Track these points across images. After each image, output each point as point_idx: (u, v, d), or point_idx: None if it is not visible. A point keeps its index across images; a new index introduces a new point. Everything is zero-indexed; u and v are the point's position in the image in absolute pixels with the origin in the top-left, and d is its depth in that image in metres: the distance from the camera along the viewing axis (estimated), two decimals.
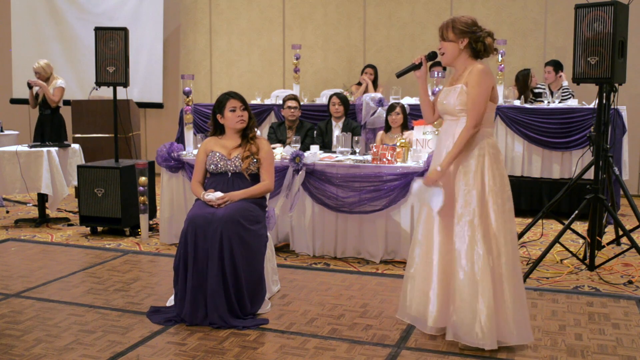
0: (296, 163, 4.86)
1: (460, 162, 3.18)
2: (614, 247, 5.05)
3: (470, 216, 3.12)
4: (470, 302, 3.08)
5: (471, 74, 3.16)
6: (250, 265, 3.61)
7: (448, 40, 3.22)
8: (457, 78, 3.28)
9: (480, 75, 3.13)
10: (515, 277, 3.16)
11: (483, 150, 3.16)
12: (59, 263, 4.83)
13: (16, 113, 10.06)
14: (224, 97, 3.89)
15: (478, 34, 3.20)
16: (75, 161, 6.31)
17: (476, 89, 3.12)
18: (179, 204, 5.27)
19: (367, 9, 8.77)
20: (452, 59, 3.26)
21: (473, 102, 3.12)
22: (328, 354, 3.15)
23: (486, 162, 3.15)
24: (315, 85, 8.72)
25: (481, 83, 3.12)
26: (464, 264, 3.11)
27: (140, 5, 9.38)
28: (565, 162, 6.41)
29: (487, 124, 3.20)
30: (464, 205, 3.13)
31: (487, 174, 3.14)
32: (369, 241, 4.86)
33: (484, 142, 3.17)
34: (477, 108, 3.12)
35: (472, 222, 3.11)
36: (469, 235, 3.11)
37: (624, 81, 4.60)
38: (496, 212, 3.12)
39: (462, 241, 3.13)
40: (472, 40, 3.20)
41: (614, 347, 3.23)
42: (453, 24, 3.21)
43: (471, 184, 3.13)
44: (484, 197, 3.13)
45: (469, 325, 3.09)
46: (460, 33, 3.19)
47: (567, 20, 6.20)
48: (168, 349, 3.23)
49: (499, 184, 3.16)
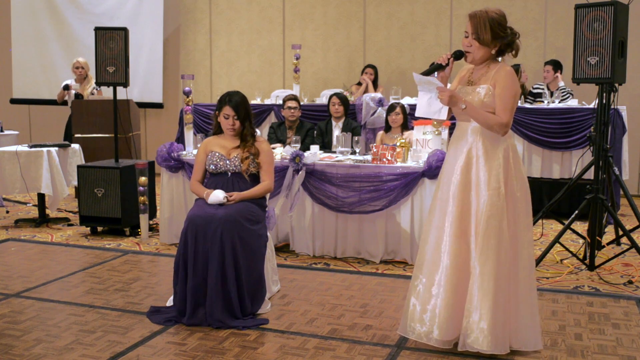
0: (296, 163, 4.86)
1: (483, 165, 3.05)
2: (614, 247, 5.05)
3: (490, 219, 3.00)
4: (481, 308, 2.98)
5: (499, 76, 3.04)
6: (250, 265, 3.61)
7: (482, 42, 3.04)
8: (479, 77, 3.12)
9: (510, 78, 3.03)
10: (530, 282, 3.10)
11: (507, 152, 3.06)
12: (59, 263, 4.83)
13: (16, 113, 10.07)
14: (222, 101, 3.88)
15: (510, 38, 3.07)
16: (75, 161, 6.31)
17: (507, 93, 3.01)
18: (179, 204, 5.27)
19: (367, 9, 8.78)
20: (481, 61, 3.11)
21: (504, 105, 3.01)
22: (328, 354, 3.15)
23: (509, 165, 3.05)
24: (315, 85, 8.73)
25: (511, 87, 3.02)
26: (481, 273, 2.99)
27: (140, 5, 9.37)
28: (565, 162, 6.41)
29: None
30: (485, 210, 3.01)
31: (509, 178, 3.05)
32: (369, 241, 4.86)
33: (507, 143, 3.08)
34: (507, 111, 3.01)
35: (495, 225, 3.00)
36: (489, 236, 3.00)
37: (624, 81, 4.60)
38: (515, 216, 3.05)
39: (481, 245, 3.00)
40: (504, 45, 3.08)
41: (614, 347, 3.22)
42: (491, 25, 3.00)
43: (494, 187, 3.02)
44: (505, 201, 3.02)
45: (488, 334, 2.98)
46: (498, 38, 3.04)
47: (567, 20, 6.20)
48: (168, 349, 3.23)
49: (520, 189, 3.08)
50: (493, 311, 2.97)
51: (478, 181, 3.05)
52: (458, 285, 3.06)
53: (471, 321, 3.01)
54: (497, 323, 2.99)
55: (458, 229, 3.07)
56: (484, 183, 3.03)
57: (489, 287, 2.98)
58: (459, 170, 3.09)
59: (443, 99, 3.06)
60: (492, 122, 3.01)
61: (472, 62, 3.14)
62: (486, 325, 2.97)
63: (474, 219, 3.05)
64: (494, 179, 3.02)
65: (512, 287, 3.05)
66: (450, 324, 3.08)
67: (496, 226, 3.00)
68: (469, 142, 3.10)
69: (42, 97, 9.71)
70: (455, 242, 3.07)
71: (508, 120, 3.01)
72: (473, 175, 3.06)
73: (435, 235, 3.15)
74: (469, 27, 3.06)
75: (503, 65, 3.09)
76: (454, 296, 3.07)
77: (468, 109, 3.04)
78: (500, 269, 3.00)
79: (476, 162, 3.07)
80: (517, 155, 3.12)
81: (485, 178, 3.03)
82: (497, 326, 2.99)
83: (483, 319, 2.98)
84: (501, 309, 2.99)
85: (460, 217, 3.07)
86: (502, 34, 3.04)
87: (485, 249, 3.00)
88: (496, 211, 3.00)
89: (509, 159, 3.06)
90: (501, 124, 3.00)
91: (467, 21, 3.07)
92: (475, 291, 3.01)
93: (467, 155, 3.09)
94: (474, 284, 3.01)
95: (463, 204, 3.07)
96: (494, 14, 3.02)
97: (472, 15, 3.05)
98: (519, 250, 3.06)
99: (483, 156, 3.05)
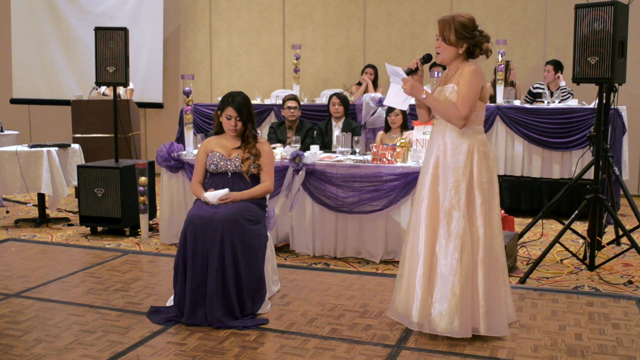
0: (296, 163, 4.86)
1: (450, 157, 3.26)
2: (614, 247, 5.05)
3: (456, 209, 3.21)
4: (447, 293, 3.18)
5: (462, 73, 3.25)
6: (250, 265, 3.61)
7: (448, 42, 3.28)
8: (449, 78, 3.34)
9: (470, 75, 3.22)
10: (493, 270, 3.25)
11: (473, 147, 3.25)
12: (59, 263, 4.83)
13: (16, 113, 10.07)
14: (225, 101, 3.87)
15: (477, 39, 3.27)
16: (75, 161, 6.31)
17: (465, 88, 3.21)
18: (179, 204, 5.27)
19: (367, 9, 8.78)
20: (449, 60, 3.34)
21: (462, 99, 3.20)
22: (328, 354, 3.15)
23: (475, 158, 3.25)
24: (315, 85, 8.73)
25: (471, 82, 3.21)
26: (445, 255, 3.21)
27: (140, 5, 9.37)
28: (565, 162, 6.41)
29: (477, 122, 3.30)
30: (451, 199, 3.22)
31: (475, 170, 3.24)
32: (369, 241, 4.86)
33: (474, 139, 3.27)
34: (466, 105, 3.19)
35: (459, 214, 3.20)
36: (453, 227, 3.21)
37: (624, 81, 4.60)
38: (482, 206, 3.22)
39: (445, 234, 3.22)
40: (471, 45, 3.28)
41: (614, 347, 3.23)
42: (455, 26, 3.24)
43: (460, 178, 3.23)
44: (471, 191, 3.23)
45: (446, 316, 3.19)
46: (462, 38, 3.26)
47: (567, 20, 6.19)
48: (168, 349, 3.23)
49: (487, 180, 3.26)
50: (455, 296, 3.17)
51: (445, 174, 3.26)
52: (431, 272, 3.29)
53: (436, 307, 3.23)
54: (455, 306, 3.18)
55: (429, 221, 3.29)
56: (449, 175, 3.25)
57: (453, 273, 3.19)
58: (430, 168, 3.32)
59: (406, 88, 3.36)
60: (449, 114, 3.24)
61: (441, 62, 3.40)
62: (444, 309, 3.19)
63: (441, 210, 3.25)
64: (460, 170, 3.23)
65: (474, 274, 3.21)
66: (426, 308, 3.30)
67: (462, 215, 3.20)
68: (439, 140, 3.32)
69: (42, 97, 9.71)
70: (427, 232, 3.29)
71: (466, 114, 3.20)
72: (440, 170, 3.28)
73: (412, 230, 3.40)
74: (438, 30, 3.32)
75: (468, 64, 3.28)
76: (428, 281, 3.28)
77: (428, 99, 3.31)
78: (464, 257, 3.19)
79: (443, 158, 3.28)
80: (486, 148, 3.31)
81: (450, 172, 3.25)
82: (455, 309, 3.18)
83: (442, 303, 3.20)
84: (461, 293, 3.17)
85: (430, 210, 3.29)
86: (466, 34, 3.25)
87: (446, 238, 3.22)
88: (461, 201, 3.21)
89: (473, 153, 3.24)
90: (458, 117, 3.21)
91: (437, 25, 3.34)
92: (441, 278, 3.22)
93: (436, 152, 3.32)
94: (439, 270, 3.23)
95: (433, 198, 3.29)
96: (461, 17, 3.27)
97: (439, 20, 3.32)
98: (481, 240, 3.22)
99: (449, 152, 3.27)
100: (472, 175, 3.23)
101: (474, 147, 3.25)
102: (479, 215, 3.22)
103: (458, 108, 3.21)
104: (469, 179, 3.23)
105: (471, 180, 3.23)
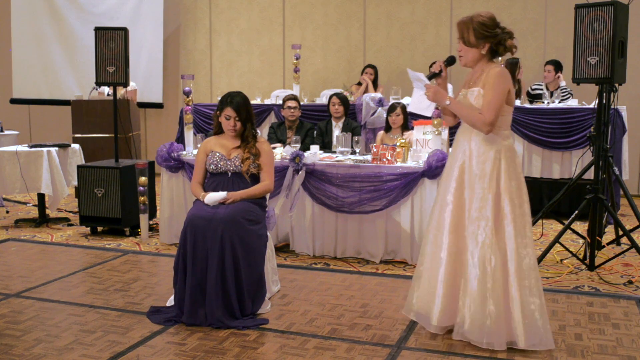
0: (296, 163, 4.86)
1: (477, 164, 3.16)
2: (614, 247, 5.05)
3: (484, 219, 3.11)
4: (481, 304, 3.09)
5: (487, 76, 3.13)
6: (250, 265, 3.61)
7: (469, 44, 3.17)
8: (474, 80, 3.23)
9: (496, 78, 3.09)
10: (527, 280, 3.12)
11: (499, 153, 3.15)
12: (59, 263, 4.83)
13: (16, 113, 10.07)
14: (224, 101, 3.87)
15: (499, 37, 3.15)
16: (75, 161, 6.31)
17: (491, 92, 3.09)
18: (179, 204, 5.27)
19: (367, 9, 8.77)
20: (473, 63, 3.22)
21: (488, 104, 3.08)
22: (328, 354, 3.15)
23: (502, 166, 3.14)
24: (315, 85, 8.72)
25: (497, 86, 3.09)
26: (476, 265, 3.11)
27: (140, 5, 9.37)
28: (565, 162, 6.41)
29: (503, 127, 3.18)
30: (479, 209, 3.13)
31: (503, 177, 3.13)
32: (369, 241, 4.85)
33: (501, 145, 3.16)
34: (491, 110, 3.07)
35: (487, 225, 3.11)
36: (482, 237, 3.11)
37: (624, 81, 4.60)
38: (511, 214, 3.11)
39: (474, 243, 3.13)
40: (493, 44, 3.16)
41: (614, 347, 3.23)
42: (474, 27, 3.13)
43: (486, 187, 3.12)
44: (499, 201, 3.13)
45: (478, 326, 3.10)
46: (482, 38, 3.14)
47: (567, 20, 6.19)
48: (168, 349, 3.23)
49: (515, 187, 3.15)
50: (488, 307, 3.07)
51: (471, 181, 3.17)
52: (454, 278, 3.21)
53: (468, 315, 3.15)
54: (494, 318, 3.07)
55: (453, 228, 3.20)
56: (476, 183, 3.15)
57: (485, 284, 3.09)
58: (456, 173, 3.22)
59: (428, 94, 3.23)
60: (474, 120, 3.13)
61: (465, 65, 3.27)
62: (484, 320, 3.09)
63: (467, 216, 3.16)
64: (487, 179, 3.12)
65: (507, 285, 3.10)
66: (446, 312, 3.24)
67: (491, 225, 3.11)
68: (465, 145, 3.22)
69: (42, 97, 9.71)
70: (451, 238, 3.20)
71: (491, 119, 3.08)
72: (467, 176, 3.19)
73: (433, 232, 3.31)
74: (458, 33, 3.22)
75: (493, 67, 3.16)
76: (450, 287, 3.21)
77: (452, 105, 3.20)
78: (496, 267, 3.09)
79: (469, 164, 3.18)
80: (513, 154, 3.20)
81: (476, 178, 3.15)
82: (494, 321, 3.07)
83: (480, 314, 3.10)
84: (496, 305, 3.07)
85: (455, 217, 3.20)
86: (486, 33, 3.13)
87: (475, 250, 3.12)
88: (489, 211, 3.11)
89: (500, 160, 3.14)
90: (484, 122, 3.09)
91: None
92: (472, 287, 3.12)
93: (463, 156, 3.22)
94: (470, 280, 3.13)
95: (458, 204, 3.19)
96: (479, 17, 3.15)
97: (458, 22, 3.22)
98: (512, 250, 3.11)
99: (475, 158, 3.17)
100: (499, 184, 3.13)
101: (500, 154, 3.14)
102: (508, 223, 3.11)
103: (483, 113, 3.09)
104: (496, 189, 3.12)
105: (498, 189, 3.13)
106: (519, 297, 3.09)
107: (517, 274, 3.10)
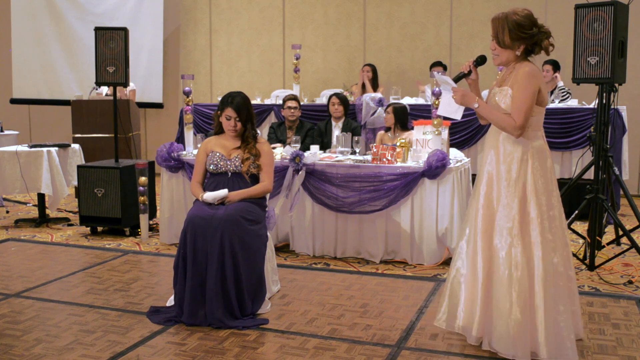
0: (296, 163, 4.86)
1: (503, 167, 3.05)
2: (614, 247, 5.05)
3: (510, 224, 2.99)
4: (506, 312, 2.97)
5: (516, 76, 2.99)
6: (250, 265, 3.61)
7: (504, 46, 3.01)
8: (504, 78, 3.10)
9: (525, 78, 2.96)
10: (555, 287, 2.99)
11: (527, 154, 3.02)
12: (59, 263, 4.83)
13: (16, 113, 10.07)
14: (225, 101, 3.87)
15: (536, 38, 2.99)
16: (75, 161, 6.31)
17: (520, 93, 2.96)
18: (179, 204, 5.27)
19: (367, 9, 8.78)
20: (507, 63, 3.08)
21: (517, 107, 2.96)
22: (328, 354, 3.15)
23: (529, 167, 3.01)
24: (315, 85, 8.73)
25: (526, 87, 2.95)
26: (502, 275, 2.99)
27: (140, 5, 9.38)
28: (565, 162, 6.41)
29: (534, 127, 3.04)
30: (505, 214, 3.01)
31: (529, 180, 3.00)
32: (369, 241, 4.85)
33: (528, 146, 3.02)
34: (521, 113, 2.95)
35: (512, 230, 2.99)
36: (508, 245, 2.99)
37: (624, 81, 4.60)
38: (538, 218, 2.99)
39: (501, 249, 3.01)
40: (529, 45, 3.01)
41: (614, 347, 3.22)
42: (510, 28, 2.97)
43: (512, 191, 3.00)
44: (525, 205, 3.00)
45: (504, 337, 2.98)
46: (518, 39, 2.98)
47: (567, 20, 6.18)
48: (168, 349, 3.23)
49: (543, 190, 3.02)
50: (513, 316, 2.94)
51: (498, 186, 3.06)
52: (487, 287, 3.07)
53: (494, 324, 3.02)
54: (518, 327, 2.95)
55: (484, 236, 3.09)
56: (502, 187, 3.04)
57: (510, 292, 2.96)
58: (485, 176, 3.12)
59: (456, 98, 3.11)
60: (504, 124, 3.00)
61: (499, 65, 3.14)
62: (508, 329, 2.96)
63: (496, 223, 3.05)
64: (512, 182, 3.01)
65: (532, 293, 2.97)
66: (483, 324, 3.09)
67: (516, 232, 2.99)
68: (494, 145, 3.11)
69: (42, 97, 9.72)
70: (483, 239, 3.08)
71: (521, 122, 2.95)
72: (494, 179, 3.08)
73: (469, 232, 3.19)
74: (492, 31, 3.05)
75: (523, 66, 3.01)
76: (485, 299, 3.07)
77: (480, 108, 3.06)
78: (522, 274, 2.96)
79: (496, 165, 3.08)
80: (542, 155, 3.05)
81: (502, 184, 3.04)
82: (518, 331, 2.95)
83: (505, 323, 2.97)
84: (521, 313, 2.94)
85: (485, 224, 3.09)
86: (522, 35, 2.97)
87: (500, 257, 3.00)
88: (515, 216, 2.99)
89: (527, 162, 3.02)
90: (513, 126, 2.97)
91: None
92: (498, 295, 3.00)
93: (490, 158, 3.12)
94: (496, 287, 3.01)
95: (487, 210, 3.09)
96: (515, 15, 2.97)
97: (492, 19, 3.05)
98: (550, 253, 3.00)
99: (501, 159, 3.06)
100: (526, 188, 3.00)
101: (527, 155, 3.01)
102: (534, 228, 2.98)
103: (513, 117, 2.95)
104: (522, 192, 2.99)
105: (524, 193, 3.00)
106: (544, 306, 2.96)
107: (542, 282, 2.97)
